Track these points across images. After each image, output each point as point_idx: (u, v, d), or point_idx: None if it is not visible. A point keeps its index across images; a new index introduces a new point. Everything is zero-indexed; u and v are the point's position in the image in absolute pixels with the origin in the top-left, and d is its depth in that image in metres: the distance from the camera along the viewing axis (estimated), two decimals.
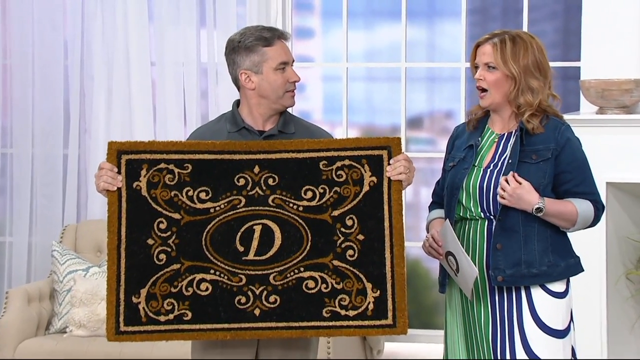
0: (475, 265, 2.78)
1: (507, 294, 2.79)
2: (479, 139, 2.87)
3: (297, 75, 2.86)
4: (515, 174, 2.73)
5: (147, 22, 4.75)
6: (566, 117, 4.35)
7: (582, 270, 2.85)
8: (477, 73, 2.82)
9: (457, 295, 2.87)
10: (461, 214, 2.84)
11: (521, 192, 2.73)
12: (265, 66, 2.81)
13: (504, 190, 2.73)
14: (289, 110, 2.95)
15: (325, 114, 5.14)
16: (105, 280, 3.88)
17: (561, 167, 2.79)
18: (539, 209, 2.74)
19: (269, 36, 2.82)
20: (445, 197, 2.89)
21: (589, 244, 3.78)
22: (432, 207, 2.98)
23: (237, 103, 2.92)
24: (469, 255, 2.79)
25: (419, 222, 5.03)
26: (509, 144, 2.82)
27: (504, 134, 2.85)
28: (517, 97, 2.79)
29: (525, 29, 4.63)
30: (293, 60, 2.87)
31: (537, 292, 2.78)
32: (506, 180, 2.74)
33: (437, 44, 5.04)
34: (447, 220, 2.80)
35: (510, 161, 2.79)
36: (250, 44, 2.81)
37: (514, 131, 2.83)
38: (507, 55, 2.77)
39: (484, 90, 2.82)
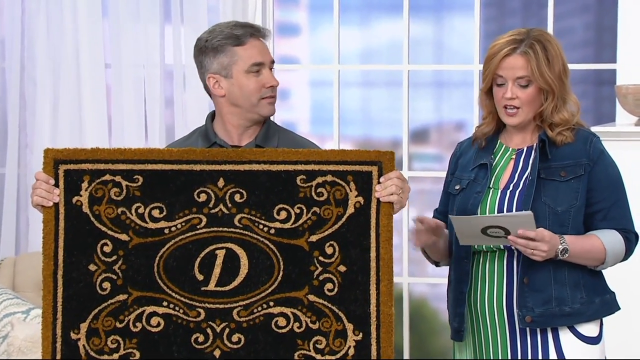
0: (494, 303, 2.79)
1: (530, 338, 2.80)
2: (492, 156, 2.87)
3: (274, 78, 2.88)
4: (521, 231, 2.70)
5: (101, 17, 4.71)
6: (599, 129, 4.29)
7: (619, 308, 2.86)
8: (508, 91, 2.79)
9: (470, 342, 2.88)
10: (476, 247, 2.83)
11: (545, 241, 2.71)
12: (235, 69, 2.86)
13: (529, 248, 2.73)
14: (274, 120, 2.99)
15: (313, 126, 5.16)
16: None
17: (591, 185, 2.80)
18: (564, 250, 2.75)
19: (241, 33, 2.86)
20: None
21: (626, 280, 3.69)
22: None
23: (212, 115, 2.97)
24: (486, 291, 2.82)
25: None
26: (530, 160, 2.83)
27: (522, 149, 2.86)
28: (552, 115, 2.80)
29: (550, 25, 4.63)
30: (272, 62, 2.91)
31: (566, 336, 2.79)
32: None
33: (446, 42, 5.04)
34: (450, 217, 2.83)
35: (530, 178, 2.78)
36: (217, 44, 2.86)
37: (535, 145, 2.83)
38: (542, 66, 2.77)
39: (514, 107, 2.82)
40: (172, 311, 2.70)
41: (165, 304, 2.70)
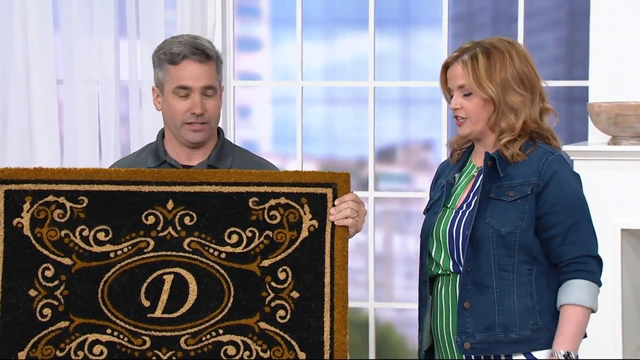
0: (445, 328, 2.81)
1: None
2: (456, 175, 2.88)
3: (199, 105, 2.85)
4: None
5: (53, 31, 4.72)
6: (571, 148, 4.32)
7: (585, 336, 2.82)
8: (453, 101, 2.81)
9: None
10: (432, 270, 2.84)
11: None
12: (166, 87, 2.88)
13: None
14: (231, 138, 2.93)
15: (275, 145, 5.15)
16: None
17: (545, 208, 2.76)
18: (568, 354, 2.75)
19: (177, 52, 2.86)
20: None
21: (599, 300, 3.72)
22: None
23: (163, 132, 2.97)
24: (439, 316, 2.82)
25: (391, 277, 5.02)
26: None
27: (482, 168, 2.85)
28: (499, 122, 2.78)
29: (520, 40, 4.63)
30: (208, 87, 2.86)
31: None
32: None
33: (413, 58, 5.05)
34: None
35: (476, 198, 2.78)
36: (158, 57, 2.90)
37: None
38: (480, 74, 2.76)
39: (462, 118, 2.83)
40: (116, 339, 2.68)
41: (109, 331, 2.69)
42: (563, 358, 2.73)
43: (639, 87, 4.34)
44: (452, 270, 2.79)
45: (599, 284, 2.80)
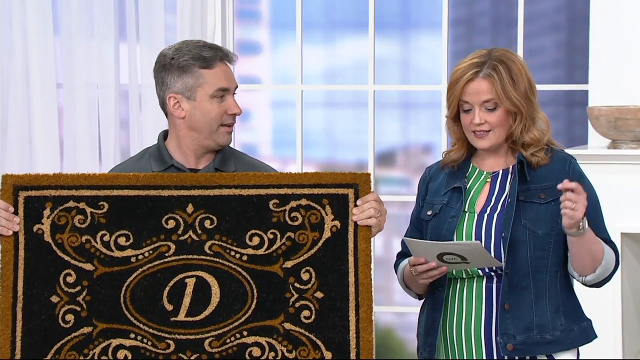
0: (472, 330, 2.82)
1: None
2: (465, 179, 2.89)
3: (238, 106, 2.89)
4: (560, 185, 2.70)
5: (53, 35, 4.73)
6: (570, 152, 4.32)
7: (596, 336, 2.88)
8: (476, 117, 2.82)
9: None
10: (454, 273, 2.85)
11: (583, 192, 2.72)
12: (199, 92, 2.86)
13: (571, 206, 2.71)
14: (231, 142, 2.95)
15: (275, 148, 5.16)
16: None
17: None
18: (584, 226, 2.74)
19: (210, 56, 2.86)
20: None
21: (599, 305, 3.74)
22: (400, 258, 3.01)
23: (165, 134, 2.95)
24: (463, 319, 2.84)
25: (391, 281, 5.03)
26: (507, 182, 2.86)
27: (497, 172, 2.89)
28: (522, 135, 2.83)
29: (520, 44, 4.66)
30: (236, 87, 2.91)
31: None
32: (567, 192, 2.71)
33: (413, 62, 5.07)
34: (404, 239, 2.86)
35: (509, 200, 2.81)
36: (184, 63, 2.86)
37: (511, 167, 2.86)
38: (508, 87, 2.80)
39: (484, 131, 2.85)
40: (140, 343, 2.70)
41: (132, 336, 2.70)
42: (585, 221, 2.72)
43: (638, 90, 4.36)
44: (479, 273, 2.81)
45: (616, 269, 2.84)
